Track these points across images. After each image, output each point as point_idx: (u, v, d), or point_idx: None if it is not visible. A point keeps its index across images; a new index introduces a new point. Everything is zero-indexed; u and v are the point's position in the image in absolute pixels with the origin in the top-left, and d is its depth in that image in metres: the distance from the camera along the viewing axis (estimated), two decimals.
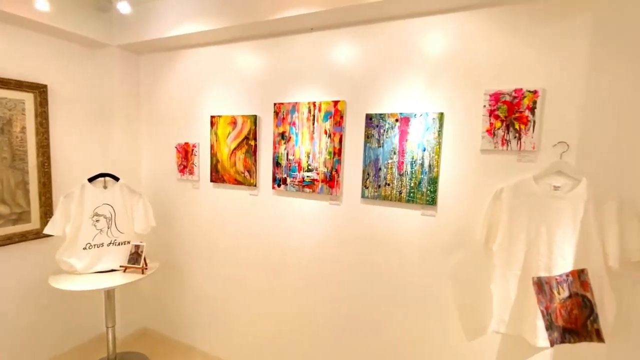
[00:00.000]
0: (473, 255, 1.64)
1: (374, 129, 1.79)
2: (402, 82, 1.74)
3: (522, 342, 1.50)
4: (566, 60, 1.42)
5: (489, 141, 1.56)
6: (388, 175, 1.77)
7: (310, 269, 2.06)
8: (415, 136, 1.69)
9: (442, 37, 1.64)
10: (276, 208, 2.14)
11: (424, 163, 1.68)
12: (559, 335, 1.43)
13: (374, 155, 1.80)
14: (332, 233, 1.98)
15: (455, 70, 1.62)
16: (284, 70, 2.05)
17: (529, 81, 1.47)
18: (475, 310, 1.65)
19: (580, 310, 1.40)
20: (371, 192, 1.82)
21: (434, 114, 1.65)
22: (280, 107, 2.04)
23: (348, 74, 1.87)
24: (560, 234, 1.42)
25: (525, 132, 1.48)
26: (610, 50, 1.36)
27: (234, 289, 2.36)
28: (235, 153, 2.23)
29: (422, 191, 1.70)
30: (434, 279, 1.74)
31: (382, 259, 1.85)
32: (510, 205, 1.50)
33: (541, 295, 1.45)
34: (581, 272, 1.40)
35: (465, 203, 1.64)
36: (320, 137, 1.94)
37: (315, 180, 1.97)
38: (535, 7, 1.46)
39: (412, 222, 1.76)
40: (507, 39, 1.52)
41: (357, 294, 1.94)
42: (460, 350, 1.71)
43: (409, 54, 1.71)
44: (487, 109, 1.54)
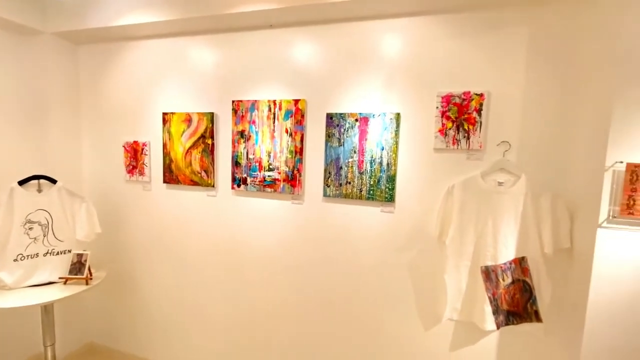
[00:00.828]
0: (428, 248, 1.73)
1: (335, 128, 1.81)
2: (361, 82, 1.78)
3: (473, 327, 1.62)
4: (507, 66, 1.56)
5: (441, 140, 1.65)
6: (349, 174, 1.80)
7: (273, 270, 2.04)
8: (374, 135, 1.74)
9: (398, 40, 1.70)
10: (236, 209, 2.08)
11: (383, 161, 1.74)
12: (504, 319, 1.57)
13: (335, 154, 1.82)
14: (294, 232, 1.97)
15: (410, 72, 1.69)
16: (242, 66, 1.99)
17: (476, 85, 1.59)
18: (431, 300, 1.74)
19: (521, 294, 1.55)
20: (333, 191, 1.84)
21: (391, 114, 1.71)
22: (239, 105, 1.98)
23: (308, 72, 1.87)
24: (504, 225, 1.55)
25: (473, 132, 1.60)
26: (542, 58, 1.51)
27: (191, 296, 2.25)
28: (190, 152, 2.12)
29: (381, 189, 1.76)
30: (393, 273, 1.81)
31: (344, 255, 1.89)
32: (461, 200, 1.60)
33: (488, 283, 1.57)
34: (522, 259, 1.54)
35: (421, 199, 1.73)
36: (281, 135, 1.92)
37: (277, 179, 1.94)
38: (480, 16, 1.57)
39: (372, 219, 1.81)
40: (456, 45, 1.62)
41: (321, 290, 1.95)
42: (418, 338, 1.80)
43: (367, 55, 1.76)
44: (440, 110, 1.64)
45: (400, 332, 1.83)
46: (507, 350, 1.67)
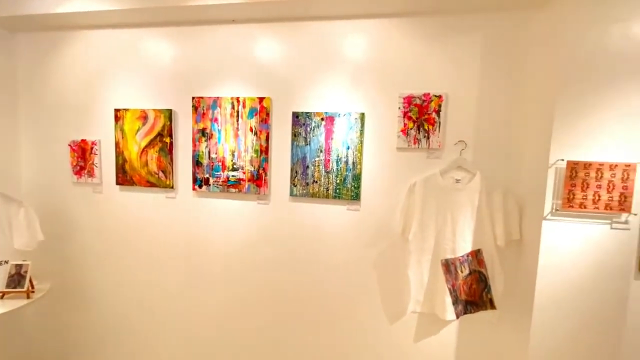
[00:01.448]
0: (392, 244, 1.78)
1: (301, 127, 1.80)
2: (326, 81, 1.78)
3: (435, 318, 1.70)
4: (463, 69, 1.65)
5: (403, 140, 1.71)
6: (315, 173, 1.80)
7: (239, 272, 1.98)
8: (340, 135, 1.76)
9: (362, 40, 1.73)
10: (198, 211, 2.00)
11: (349, 160, 1.76)
12: (462, 308, 1.66)
13: (302, 153, 1.81)
14: (260, 233, 1.93)
15: (374, 73, 1.73)
16: (203, 62, 1.91)
17: (435, 86, 1.66)
18: (396, 294, 1.80)
19: (477, 284, 1.65)
20: (299, 190, 1.83)
21: (356, 113, 1.74)
22: (200, 102, 1.90)
23: (274, 70, 1.84)
24: (462, 220, 1.64)
25: (433, 132, 1.67)
26: (495, 63, 1.62)
27: (151, 306, 2.12)
28: (146, 151, 2.00)
29: (347, 187, 1.78)
30: (359, 269, 1.84)
31: (311, 254, 1.88)
32: (422, 197, 1.67)
33: (448, 275, 1.66)
34: (478, 251, 1.64)
35: (385, 197, 1.78)
36: (245, 134, 1.87)
37: (242, 179, 1.89)
38: (439, 20, 1.65)
39: (339, 217, 1.83)
40: (417, 48, 1.68)
41: (288, 290, 1.93)
42: (384, 332, 1.85)
43: (332, 55, 1.77)
44: (402, 111, 1.69)
45: (366, 327, 1.87)
46: (465, 337, 1.77)
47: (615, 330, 1.39)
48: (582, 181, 1.36)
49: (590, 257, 1.39)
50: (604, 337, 1.41)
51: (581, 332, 1.42)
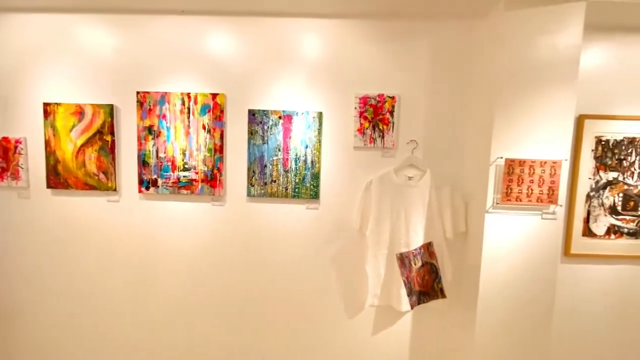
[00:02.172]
0: (351, 241, 1.82)
1: (258, 125, 1.76)
2: (284, 79, 1.76)
3: (391, 310, 1.77)
4: (414, 72, 1.73)
5: (360, 139, 1.75)
6: (274, 172, 1.77)
7: (194, 278, 1.88)
8: (298, 133, 1.75)
9: (319, 39, 1.74)
10: (146, 215, 1.85)
11: (307, 159, 1.76)
12: (416, 299, 1.75)
13: (259, 152, 1.77)
14: (216, 235, 1.85)
15: (331, 72, 1.74)
16: (149, 54, 1.77)
17: (389, 88, 1.73)
18: (354, 289, 1.84)
19: (429, 275, 1.75)
20: (257, 190, 1.79)
21: (314, 112, 1.74)
22: (146, 97, 1.76)
23: (228, 66, 1.77)
24: (414, 215, 1.73)
25: (387, 132, 1.74)
26: (442, 66, 1.72)
27: (92, 322, 1.93)
28: (83, 151, 1.80)
29: (306, 186, 1.77)
30: (319, 267, 1.85)
31: (270, 254, 1.85)
32: (378, 194, 1.73)
33: (403, 268, 1.73)
34: (429, 244, 1.74)
35: (343, 195, 1.80)
36: (197, 132, 1.77)
37: (194, 180, 1.79)
38: (393, 24, 1.71)
39: (298, 216, 1.82)
40: (371, 49, 1.73)
41: (247, 291, 1.88)
42: (343, 327, 1.88)
43: (289, 53, 1.74)
44: (358, 111, 1.73)
45: (326, 323, 1.89)
46: (419, 326, 1.87)
47: (547, 307, 1.57)
48: (517, 177, 1.51)
49: (525, 245, 1.55)
50: (538, 315, 1.57)
51: (519, 312, 1.57)
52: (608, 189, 1.77)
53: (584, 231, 1.79)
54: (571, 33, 1.44)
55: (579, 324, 1.85)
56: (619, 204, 1.77)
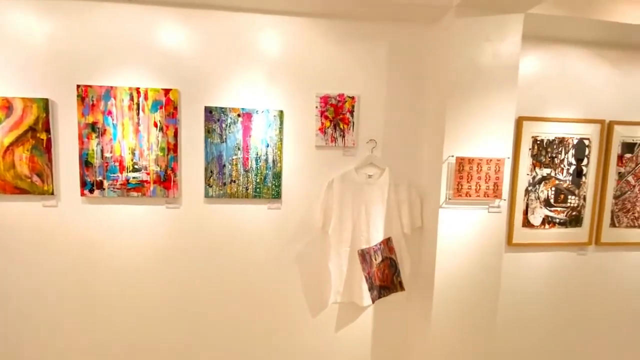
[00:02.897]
0: (313, 239, 1.83)
1: (215, 123, 1.69)
2: (242, 76, 1.71)
3: (353, 305, 1.81)
4: (372, 73, 1.77)
5: (321, 138, 1.76)
6: (233, 172, 1.72)
7: (148, 287, 1.76)
8: (259, 132, 1.71)
9: (279, 37, 1.71)
10: (90, 220, 1.69)
11: (268, 158, 1.73)
12: (377, 293, 1.81)
13: (217, 151, 1.70)
14: (172, 239, 1.75)
15: (291, 71, 1.73)
16: (92, 44, 1.62)
17: (349, 88, 1.76)
18: (318, 288, 1.85)
19: (389, 269, 1.82)
20: (216, 191, 1.72)
21: (274, 111, 1.71)
22: (88, 91, 1.61)
23: (182, 61, 1.67)
24: (374, 212, 1.78)
25: (348, 131, 1.76)
26: (398, 68, 1.78)
27: (29, 346, 1.72)
28: (12, 150, 1.60)
29: (267, 186, 1.74)
30: (282, 267, 1.83)
31: (231, 257, 1.79)
32: (340, 193, 1.75)
33: (364, 264, 1.78)
34: (388, 240, 1.80)
35: (305, 194, 1.80)
36: (148, 130, 1.66)
37: (145, 181, 1.68)
38: (352, 25, 1.73)
39: (260, 217, 1.78)
40: (331, 49, 1.74)
41: (208, 296, 1.80)
42: (307, 325, 1.88)
43: (248, 49, 1.70)
44: (319, 110, 1.74)
45: (290, 323, 1.87)
46: (380, 319, 1.93)
47: (494, 293, 1.71)
48: (467, 174, 1.62)
49: (474, 237, 1.67)
50: (486, 299, 1.71)
51: (470, 298, 1.69)
52: (543, 184, 1.97)
53: (524, 222, 1.97)
54: (511, 42, 1.57)
55: (521, 305, 2.05)
56: (552, 197, 1.98)
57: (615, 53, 1.96)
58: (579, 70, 1.94)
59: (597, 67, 1.96)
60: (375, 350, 1.94)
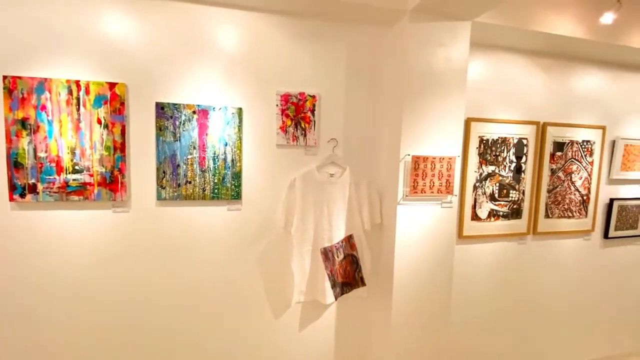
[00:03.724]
0: (276, 240, 1.80)
1: (168, 120, 1.58)
2: (198, 71, 1.62)
3: (316, 304, 1.82)
4: (333, 72, 1.79)
5: (282, 137, 1.73)
6: (189, 172, 1.63)
7: (96, 300, 1.60)
8: (216, 130, 1.64)
9: (237, 32, 1.65)
10: (20, 229, 1.50)
11: (227, 158, 1.66)
12: (339, 290, 1.83)
13: (170, 151, 1.60)
14: (121, 247, 1.61)
15: (251, 67, 1.68)
16: (20, 29, 1.43)
17: (310, 87, 1.75)
18: (281, 288, 1.83)
19: (351, 266, 1.85)
20: (170, 193, 1.62)
21: (233, 108, 1.65)
22: (17, 83, 1.42)
23: (130, 52, 1.54)
24: (336, 210, 1.80)
25: (309, 130, 1.76)
26: (357, 69, 1.82)
27: None
28: None
29: (226, 186, 1.68)
30: (243, 269, 1.78)
31: (188, 261, 1.70)
32: (302, 192, 1.75)
33: (327, 262, 1.79)
34: (350, 237, 1.84)
35: (267, 194, 1.77)
36: (91, 127, 1.51)
37: (88, 183, 1.53)
38: (312, 24, 1.73)
39: (219, 219, 1.71)
40: (292, 47, 1.72)
41: (166, 307, 1.69)
42: (270, 327, 1.85)
43: (204, 43, 1.61)
44: (280, 108, 1.71)
45: (253, 325, 1.83)
46: (343, 315, 1.96)
47: (447, 282, 1.82)
48: (422, 171, 1.69)
49: (429, 231, 1.76)
50: (440, 290, 1.81)
51: (426, 288, 1.78)
52: (488, 180, 2.13)
53: (472, 216, 2.12)
54: (460, 48, 1.68)
55: (471, 292, 2.20)
56: (496, 192, 2.15)
57: (548, 61, 2.18)
58: (518, 76, 2.13)
59: (533, 74, 2.16)
60: (339, 345, 1.97)
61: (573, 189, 2.32)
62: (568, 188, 2.31)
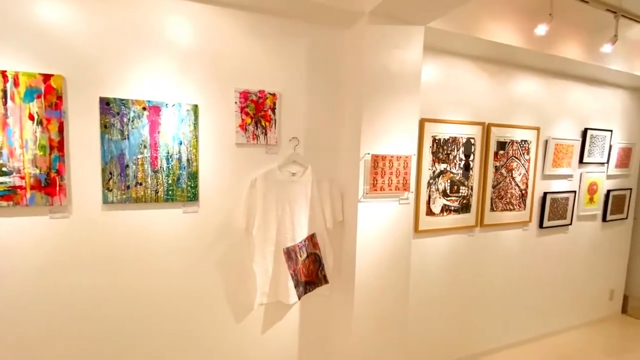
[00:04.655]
0: (237, 242, 1.74)
1: (115, 117, 1.46)
2: (148, 65, 1.51)
3: (279, 304, 1.80)
4: (293, 70, 1.77)
5: (242, 135, 1.68)
6: (139, 173, 1.51)
7: (34, 316, 1.43)
8: (170, 128, 1.54)
9: (191, 24, 1.56)
10: None
11: (182, 157, 1.58)
12: (303, 289, 1.83)
13: (118, 150, 1.47)
14: (62, 256, 1.45)
15: (207, 63, 1.60)
16: None
17: (270, 84, 1.72)
18: (242, 291, 1.78)
19: (314, 264, 1.86)
20: (118, 196, 1.49)
21: (187, 105, 1.56)
22: None
23: (68, 42, 1.39)
24: (298, 209, 1.79)
25: (270, 129, 1.73)
26: (318, 68, 1.82)
27: None
28: None
29: (182, 187, 1.59)
30: (203, 273, 1.70)
31: (142, 269, 1.58)
32: (263, 191, 1.71)
33: (290, 262, 1.78)
34: (312, 235, 1.84)
35: (226, 194, 1.70)
36: (21, 123, 1.34)
37: (19, 187, 1.36)
38: (273, 20, 1.69)
39: (174, 222, 1.62)
40: (251, 44, 1.67)
41: (118, 318, 1.56)
42: (233, 331, 1.80)
43: (155, 35, 1.51)
44: (239, 106, 1.66)
45: (214, 331, 1.76)
46: (306, 314, 1.96)
47: (405, 275, 1.90)
48: (381, 170, 1.75)
49: (388, 227, 1.82)
50: (399, 281, 1.88)
51: (386, 282, 1.84)
52: (441, 177, 2.26)
53: (427, 211, 2.24)
54: (414, 51, 1.75)
55: (427, 283, 2.33)
56: (448, 188, 2.29)
57: (493, 67, 2.37)
58: (467, 79, 2.29)
59: (480, 78, 2.34)
60: (303, 344, 1.97)
61: (513, 184, 2.55)
62: (509, 183, 2.53)
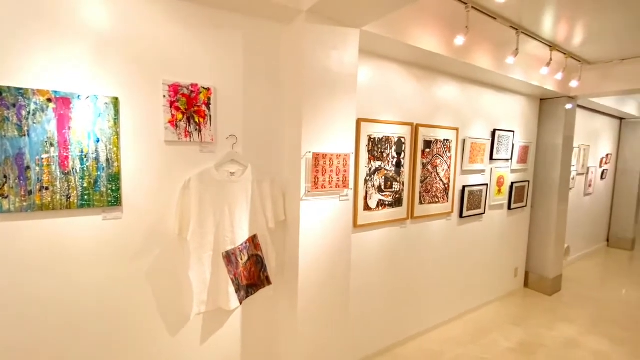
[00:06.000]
0: (169, 248, 1.60)
1: (9, 109, 1.21)
2: (55, 51, 1.28)
3: (220, 312, 1.71)
4: (229, 65, 1.68)
5: (172, 132, 1.54)
6: (45, 176, 1.28)
7: None
8: (84, 123, 1.34)
9: (109, 7, 1.37)
10: None
11: (100, 157, 1.38)
12: (244, 293, 1.76)
13: (15, 148, 1.23)
14: None
15: (129, 51, 1.43)
16: None
17: (203, 78, 1.60)
18: (177, 302, 1.64)
19: (255, 266, 1.80)
20: (16, 203, 1.24)
21: (106, 97, 1.38)
22: None
23: None
24: (238, 211, 1.72)
25: (204, 125, 1.62)
26: (256, 62, 1.76)
27: None
28: None
29: (100, 191, 1.39)
30: (129, 286, 1.52)
31: (53, 286, 1.35)
32: (198, 193, 1.60)
33: (230, 266, 1.70)
34: (254, 237, 1.78)
35: (155, 197, 1.55)
36: None
37: None
38: (204, 11, 1.58)
39: (91, 231, 1.41)
40: (180, 34, 1.54)
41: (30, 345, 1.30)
42: (168, 345, 1.65)
43: (64, 15, 1.29)
44: (168, 100, 1.52)
45: (145, 350, 1.59)
46: (249, 318, 1.89)
47: (346, 269, 1.95)
48: (322, 168, 1.77)
49: (329, 223, 1.85)
50: (340, 275, 1.93)
51: (328, 278, 1.87)
52: (376, 174, 2.38)
53: (365, 206, 2.34)
54: (351, 53, 1.81)
55: (366, 274, 2.44)
56: (383, 184, 2.42)
57: (419, 71, 2.57)
58: (397, 82, 2.45)
59: (409, 81, 2.52)
60: (246, 350, 1.90)
61: (438, 179, 2.81)
62: (435, 179, 2.78)
